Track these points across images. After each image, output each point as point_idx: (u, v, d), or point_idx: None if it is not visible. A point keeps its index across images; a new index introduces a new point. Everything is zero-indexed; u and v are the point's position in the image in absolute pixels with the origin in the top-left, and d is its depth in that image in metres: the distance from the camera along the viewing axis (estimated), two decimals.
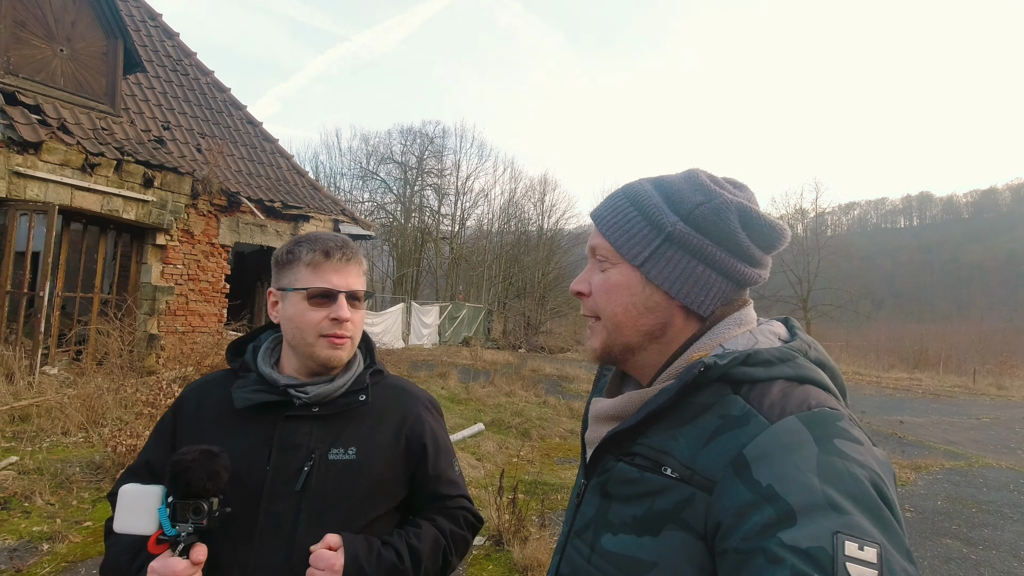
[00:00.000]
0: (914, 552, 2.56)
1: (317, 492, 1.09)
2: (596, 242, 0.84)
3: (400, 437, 1.21)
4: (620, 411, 0.81)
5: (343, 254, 1.15)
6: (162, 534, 0.93)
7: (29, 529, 3.64)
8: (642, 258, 0.79)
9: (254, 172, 11.41)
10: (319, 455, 1.11)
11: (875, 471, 0.64)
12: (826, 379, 0.76)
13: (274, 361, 1.21)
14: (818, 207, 35.15)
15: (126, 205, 8.59)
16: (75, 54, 8.74)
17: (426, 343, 21.28)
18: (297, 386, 1.14)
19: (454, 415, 8.34)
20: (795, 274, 30.73)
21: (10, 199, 7.42)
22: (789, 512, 0.59)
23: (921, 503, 5.82)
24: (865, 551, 0.56)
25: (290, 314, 1.14)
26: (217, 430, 1.13)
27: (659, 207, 0.80)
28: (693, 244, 0.78)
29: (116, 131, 9.03)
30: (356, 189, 34.04)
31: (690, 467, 0.70)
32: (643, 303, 0.80)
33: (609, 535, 0.75)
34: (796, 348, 0.77)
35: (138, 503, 0.93)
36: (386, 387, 1.26)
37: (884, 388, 17.69)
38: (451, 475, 1.27)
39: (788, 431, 0.66)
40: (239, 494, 1.05)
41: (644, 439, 0.76)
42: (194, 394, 1.22)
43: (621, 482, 0.77)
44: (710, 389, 0.73)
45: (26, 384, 6.64)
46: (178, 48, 12.10)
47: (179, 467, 0.92)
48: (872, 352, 30.91)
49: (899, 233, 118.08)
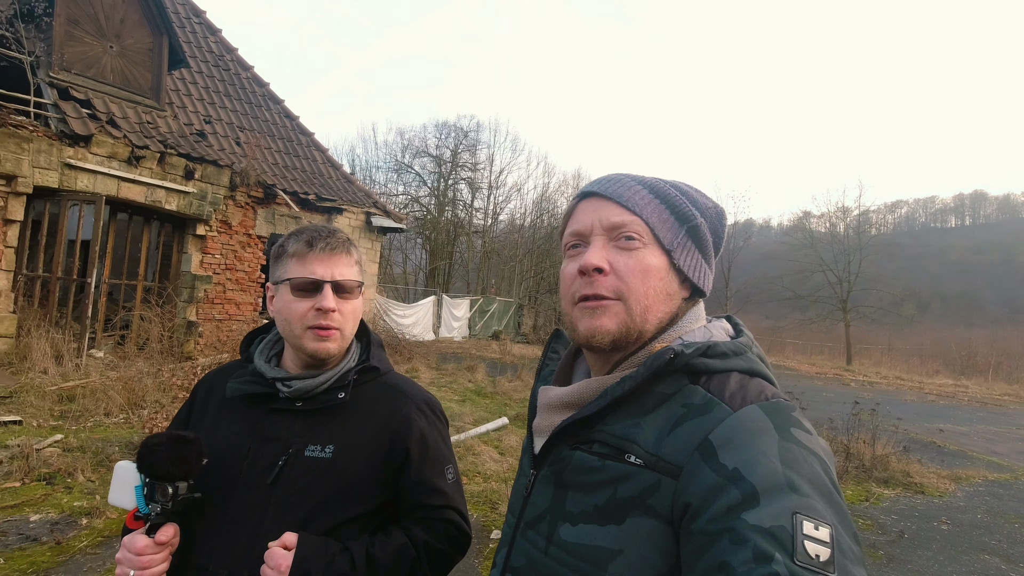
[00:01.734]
0: (948, 566, 2.47)
1: (287, 487, 1.08)
2: (625, 218, 0.79)
3: (383, 439, 1.16)
4: (576, 399, 0.81)
5: (326, 243, 1.14)
6: (138, 511, 0.98)
7: (70, 504, 3.83)
8: (674, 244, 0.81)
9: (290, 165, 11.67)
10: (295, 450, 1.11)
11: (823, 458, 0.67)
12: (770, 373, 0.80)
13: (275, 354, 1.23)
14: (861, 205, 33.91)
15: (168, 196, 8.91)
16: (123, 50, 9.09)
17: (456, 336, 21.46)
18: (284, 379, 1.14)
19: (479, 408, 8.41)
20: (835, 274, 29.74)
21: (62, 190, 7.79)
22: (753, 493, 0.62)
23: (959, 515, 5.59)
24: (820, 531, 0.59)
25: (279, 307, 1.15)
26: (214, 417, 1.16)
27: (681, 200, 0.83)
28: (705, 240, 0.84)
29: (160, 125, 9.37)
30: (391, 182, 34.43)
31: (655, 454, 0.70)
32: (666, 289, 0.80)
33: (568, 526, 0.74)
34: (745, 344, 0.81)
35: (126, 479, 0.99)
36: (378, 386, 1.22)
37: (926, 394, 17.02)
38: (438, 484, 1.19)
39: (751, 418, 0.68)
40: (218, 481, 1.07)
41: (604, 427, 0.76)
42: (206, 383, 1.26)
43: (579, 471, 0.76)
44: (670, 379, 0.75)
45: (74, 366, 6.98)
46: (220, 44, 12.46)
47: (146, 449, 0.97)
48: (915, 356, 29.74)
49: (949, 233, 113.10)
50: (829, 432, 8.28)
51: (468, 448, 5.93)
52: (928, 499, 6.06)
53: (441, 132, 34.66)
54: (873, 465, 6.71)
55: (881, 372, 23.71)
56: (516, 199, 40.95)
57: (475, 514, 4.43)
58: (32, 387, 6.26)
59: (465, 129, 34.05)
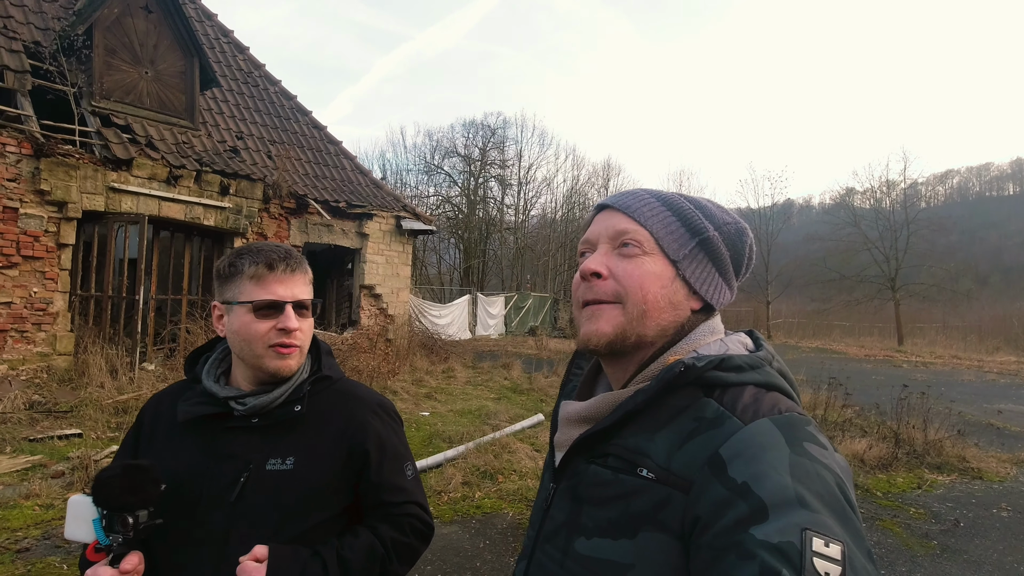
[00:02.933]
0: (1008, 555, 2.37)
1: (251, 502, 1.10)
2: (628, 227, 0.82)
3: (342, 444, 1.19)
4: (593, 413, 0.82)
5: (287, 265, 1.16)
6: (98, 543, 0.99)
7: None
8: (680, 255, 0.82)
9: (320, 175, 11.95)
10: (255, 466, 1.12)
11: (838, 474, 0.66)
12: (789, 387, 0.80)
13: (221, 372, 1.23)
14: (907, 177, 32.33)
15: (206, 212, 9.26)
16: (158, 75, 9.47)
17: (492, 333, 21.60)
18: (237, 398, 1.15)
19: (515, 406, 8.45)
20: (881, 252, 28.53)
21: (108, 212, 8.19)
22: (762, 507, 0.61)
23: (1021, 501, 5.31)
24: (830, 548, 0.58)
25: (236, 327, 1.15)
26: (166, 442, 1.17)
27: (693, 213, 0.84)
28: (719, 253, 0.84)
29: (195, 144, 9.73)
30: (422, 184, 34.84)
31: (666, 468, 0.71)
32: (670, 297, 0.81)
33: (583, 539, 0.75)
34: (763, 357, 0.81)
35: (79, 513, 1.00)
36: (332, 393, 1.25)
37: (985, 373, 16.18)
38: (398, 481, 1.23)
39: (762, 432, 0.68)
40: (180, 504, 1.08)
41: (618, 440, 0.77)
42: (151, 407, 1.25)
43: (594, 485, 0.77)
44: (684, 392, 0.75)
45: (127, 379, 7.35)
46: (248, 61, 12.83)
47: (99, 482, 0.98)
48: (973, 333, 28.31)
49: (1008, 201, 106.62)
50: (878, 417, 7.99)
51: (504, 446, 5.97)
52: (987, 485, 5.78)
53: (469, 131, 34.89)
54: (925, 451, 6.44)
55: (936, 352, 22.69)
56: (547, 193, 40.77)
57: (511, 512, 4.47)
58: (90, 401, 6.63)
59: (492, 127, 34.20)
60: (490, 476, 5.19)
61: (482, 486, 4.97)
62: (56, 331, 7.75)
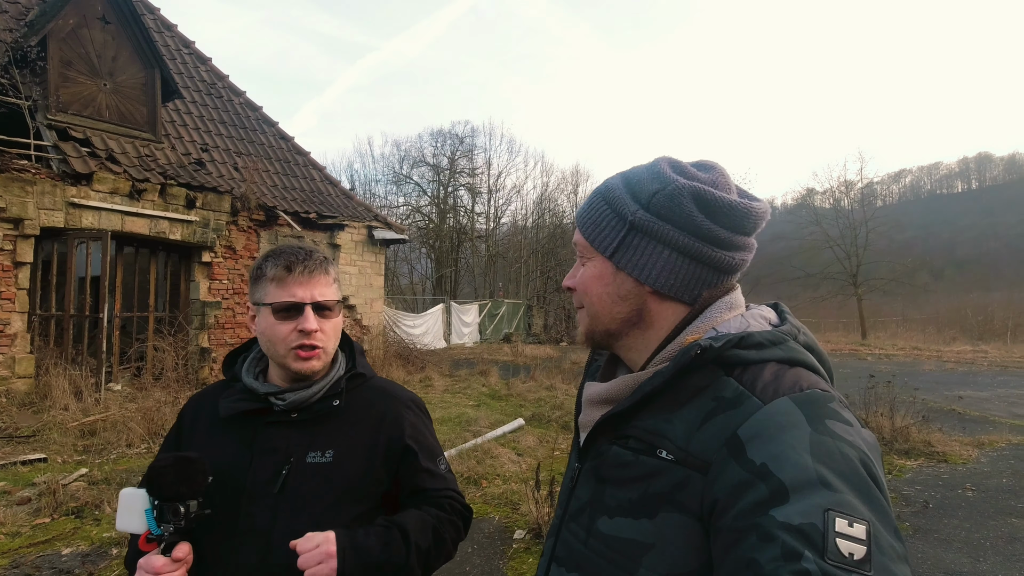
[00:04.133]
0: (975, 532, 2.46)
1: (293, 494, 1.13)
2: (575, 239, 0.89)
3: (379, 438, 1.23)
4: (614, 394, 0.82)
5: (304, 267, 1.17)
6: (150, 534, 1.01)
7: (100, 535, 3.90)
8: (611, 249, 0.82)
9: (289, 186, 11.78)
10: (297, 458, 1.16)
11: (864, 452, 0.65)
12: (815, 362, 0.78)
13: (260, 370, 1.26)
14: (863, 177, 33.58)
15: (172, 227, 9.03)
16: (117, 87, 9.22)
17: (467, 341, 21.51)
18: (276, 393, 1.19)
19: (494, 411, 8.43)
20: (843, 249, 29.50)
21: (68, 229, 7.92)
22: (782, 489, 0.61)
23: (984, 481, 5.54)
24: (855, 528, 0.58)
25: (262, 328, 1.19)
26: (208, 438, 1.20)
27: (622, 198, 0.82)
28: (655, 230, 0.79)
29: (159, 157, 9.50)
30: (391, 194, 34.64)
31: (685, 449, 0.71)
32: (616, 292, 0.83)
33: (605, 518, 0.77)
34: (787, 332, 0.78)
35: (132, 504, 1.02)
36: (368, 390, 1.29)
37: (945, 362, 16.83)
38: (435, 472, 1.28)
39: (781, 411, 0.67)
40: (224, 497, 1.11)
41: (638, 422, 0.77)
42: (191, 407, 1.30)
43: (615, 465, 0.78)
44: (703, 371, 0.74)
45: (93, 401, 7.09)
46: (211, 72, 12.60)
47: (154, 471, 1.01)
48: (932, 325, 29.42)
49: (957, 198, 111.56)
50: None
51: (486, 452, 5.95)
52: (952, 467, 6.00)
53: (437, 140, 34.85)
54: (893, 438, 6.67)
55: (897, 344, 23.47)
56: (517, 200, 41.09)
57: (496, 516, 4.46)
58: (54, 424, 6.37)
59: (460, 135, 34.19)
60: (474, 482, 5.17)
61: (466, 492, 4.95)
62: (15, 353, 7.45)
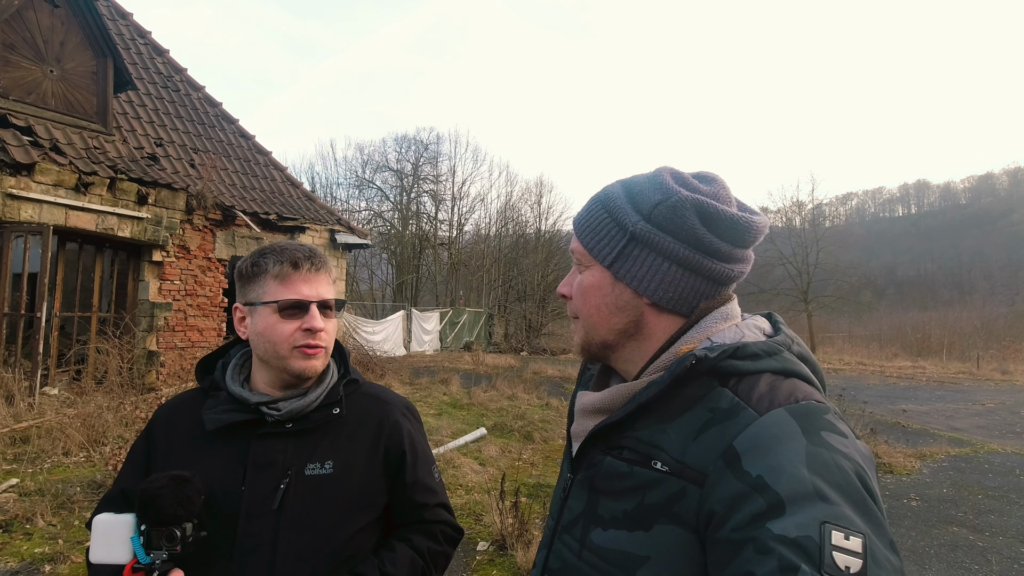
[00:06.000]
0: (920, 541, 2.53)
1: (295, 509, 1.07)
2: (573, 246, 0.87)
3: (378, 446, 1.18)
4: (607, 404, 0.81)
5: (312, 264, 1.13)
6: (137, 563, 0.91)
7: (31, 551, 3.62)
8: (610, 259, 0.81)
9: (248, 185, 11.42)
10: (295, 472, 1.09)
11: (859, 464, 0.64)
12: (809, 373, 0.77)
13: (244, 377, 1.18)
14: (815, 199, 35.13)
15: (121, 223, 8.60)
16: (65, 74, 8.75)
17: (428, 349, 21.27)
18: (269, 403, 1.11)
19: (456, 421, 8.32)
20: (795, 267, 30.68)
21: (5, 221, 7.43)
22: (778, 502, 0.60)
23: (927, 491, 5.79)
24: (851, 541, 0.57)
25: (260, 328, 1.11)
26: (190, 453, 1.10)
27: (623, 208, 0.81)
28: (656, 242, 0.78)
29: (109, 150, 9.05)
30: (352, 198, 34.08)
31: (680, 460, 0.70)
32: (614, 302, 0.82)
33: (599, 530, 0.75)
34: (781, 342, 0.78)
35: (112, 533, 0.92)
36: (362, 396, 1.24)
37: (887, 377, 17.64)
38: (429, 482, 1.24)
39: (777, 423, 0.66)
40: (216, 516, 1.03)
41: (632, 432, 0.76)
42: (164, 417, 1.19)
43: (610, 476, 0.76)
44: (698, 382, 0.74)
45: (26, 406, 6.63)
46: (168, 65, 12.13)
47: (148, 495, 0.91)
48: (875, 342, 30.85)
49: (898, 222, 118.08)
50: None
51: (448, 461, 5.86)
52: (897, 478, 6.26)
53: (401, 146, 34.59)
54: None
55: (844, 359, 24.48)
56: (480, 209, 41.07)
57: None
58: None
59: (425, 142, 34.05)
60: None
61: None
62: None
